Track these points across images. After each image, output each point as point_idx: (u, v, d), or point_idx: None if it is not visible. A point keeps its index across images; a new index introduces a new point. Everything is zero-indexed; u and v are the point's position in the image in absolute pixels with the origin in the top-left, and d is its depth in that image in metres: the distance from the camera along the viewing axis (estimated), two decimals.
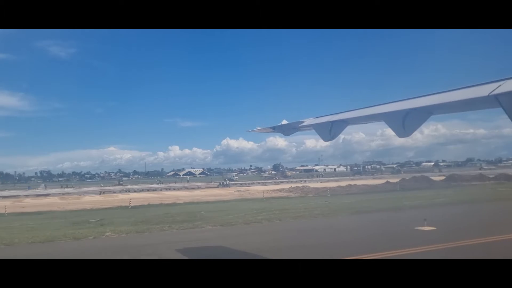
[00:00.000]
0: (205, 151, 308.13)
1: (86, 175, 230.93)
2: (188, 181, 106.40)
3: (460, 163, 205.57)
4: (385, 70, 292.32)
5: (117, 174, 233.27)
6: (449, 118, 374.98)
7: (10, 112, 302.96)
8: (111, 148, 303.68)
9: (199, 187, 77.02)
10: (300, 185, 62.30)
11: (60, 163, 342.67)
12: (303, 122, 6.88)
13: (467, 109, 5.54)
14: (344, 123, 6.26)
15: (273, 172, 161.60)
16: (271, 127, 7.74)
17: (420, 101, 5.23)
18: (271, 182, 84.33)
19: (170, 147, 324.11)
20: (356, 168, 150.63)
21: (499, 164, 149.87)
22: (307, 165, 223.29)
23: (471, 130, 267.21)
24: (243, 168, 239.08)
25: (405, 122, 5.43)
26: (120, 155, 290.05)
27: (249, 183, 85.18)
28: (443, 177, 63.44)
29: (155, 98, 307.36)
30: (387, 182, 58.71)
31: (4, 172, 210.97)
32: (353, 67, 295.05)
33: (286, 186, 63.51)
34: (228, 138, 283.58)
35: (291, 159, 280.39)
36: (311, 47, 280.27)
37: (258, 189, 59.96)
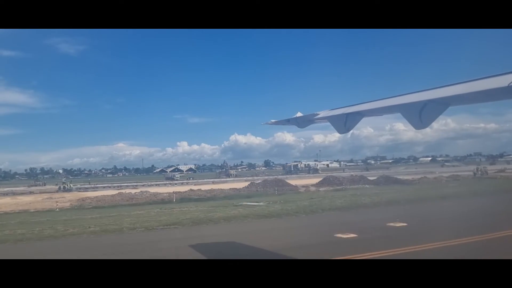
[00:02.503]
0: (213, 146, 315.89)
1: (75, 172, 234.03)
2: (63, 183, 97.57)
3: (459, 157, 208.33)
4: (400, 64, 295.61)
5: (103, 171, 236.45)
6: (459, 112, 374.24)
7: (20, 109, 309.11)
8: (120, 144, 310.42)
9: (31, 192, 63.00)
10: (138, 190, 49.64)
11: (70, 160, 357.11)
12: (318, 114, 7.00)
13: (485, 100, 5.69)
14: (359, 115, 6.38)
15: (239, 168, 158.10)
16: (285, 120, 7.88)
17: (438, 92, 5.35)
18: (177, 183, 76.32)
19: (178, 143, 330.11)
20: (288, 167, 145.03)
21: (499, 159, 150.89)
22: (300, 161, 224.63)
23: (482, 125, 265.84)
24: (237, 163, 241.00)
25: (422, 114, 5.53)
26: (129, 151, 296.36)
27: (146, 185, 73.01)
28: (319, 179, 55.22)
29: (164, 95, 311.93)
30: (251, 183, 50.86)
31: None
32: (367, 60, 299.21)
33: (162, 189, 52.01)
34: (236, 134, 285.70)
35: (299, 154, 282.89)
36: (322, 41, 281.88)
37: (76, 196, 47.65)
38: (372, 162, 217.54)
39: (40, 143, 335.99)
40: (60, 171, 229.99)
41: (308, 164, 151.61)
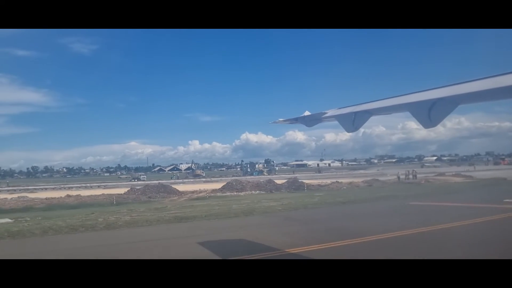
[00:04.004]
0: (225, 145, 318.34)
1: (75, 170, 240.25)
2: None
3: (464, 157, 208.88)
4: (407, 64, 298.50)
5: (104, 170, 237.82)
6: (473, 111, 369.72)
7: (35, 108, 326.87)
8: (133, 143, 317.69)
9: None
10: (16, 195, 46.10)
11: (83, 158, 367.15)
12: (326, 113, 7.11)
13: (496, 98, 5.78)
14: (367, 113, 6.45)
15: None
16: (293, 119, 8.02)
17: (447, 91, 5.40)
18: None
19: (190, 142, 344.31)
20: (245, 167, 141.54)
21: (507, 159, 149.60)
22: (302, 160, 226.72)
23: (496, 123, 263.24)
24: (237, 162, 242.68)
25: (431, 113, 5.57)
26: (142, 149, 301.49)
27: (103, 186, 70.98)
28: (225, 183, 50.67)
29: (176, 93, 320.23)
30: (131, 189, 47.29)
31: None
32: (375, 60, 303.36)
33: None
34: (247, 133, 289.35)
35: (310, 153, 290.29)
36: (331, 41, 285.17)
37: None
38: (376, 161, 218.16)
39: (54, 142, 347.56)
40: (65, 169, 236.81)
41: (265, 165, 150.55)
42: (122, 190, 48.92)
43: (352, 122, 6.58)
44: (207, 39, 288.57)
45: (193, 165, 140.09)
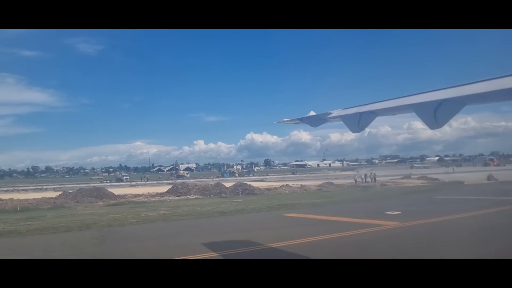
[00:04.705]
0: (230, 145, 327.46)
1: (75, 170, 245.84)
2: None
3: (468, 157, 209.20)
4: (413, 64, 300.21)
5: (103, 170, 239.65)
6: (479, 111, 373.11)
7: (40, 108, 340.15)
8: (138, 143, 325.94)
9: None
10: None
11: (89, 158, 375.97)
12: (331, 113, 7.14)
13: (502, 99, 5.75)
14: (373, 114, 6.47)
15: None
16: (298, 119, 8.05)
17: (453, 91, 5.41)
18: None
19: (195, 142, 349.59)
20: (224, 169, 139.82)
21: (496, 160, 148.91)
22: (302, 160, 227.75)
23: (503, 123, 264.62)
24: (238, 162, 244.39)
25: (436, 113, 5.59)
26: (147, 149, 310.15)
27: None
28: (170, 187, 48.90)
29: (181, 93, 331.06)
30: (63, 193, 44.27)
31: None
32: (380, 60, 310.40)
33: None
34: (252, 133, 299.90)
35: (315, 153, 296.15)
36: (336, 41, 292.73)
37: None
38: (377, 161, 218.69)
39: (59, 142, 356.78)
40: (65, 169, 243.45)
41: (244, 167, 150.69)
42: (49, 194, 45.74)
43: (358, 122, 6.62)
44: (211, 40, 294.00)
45: (177, 166, 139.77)
